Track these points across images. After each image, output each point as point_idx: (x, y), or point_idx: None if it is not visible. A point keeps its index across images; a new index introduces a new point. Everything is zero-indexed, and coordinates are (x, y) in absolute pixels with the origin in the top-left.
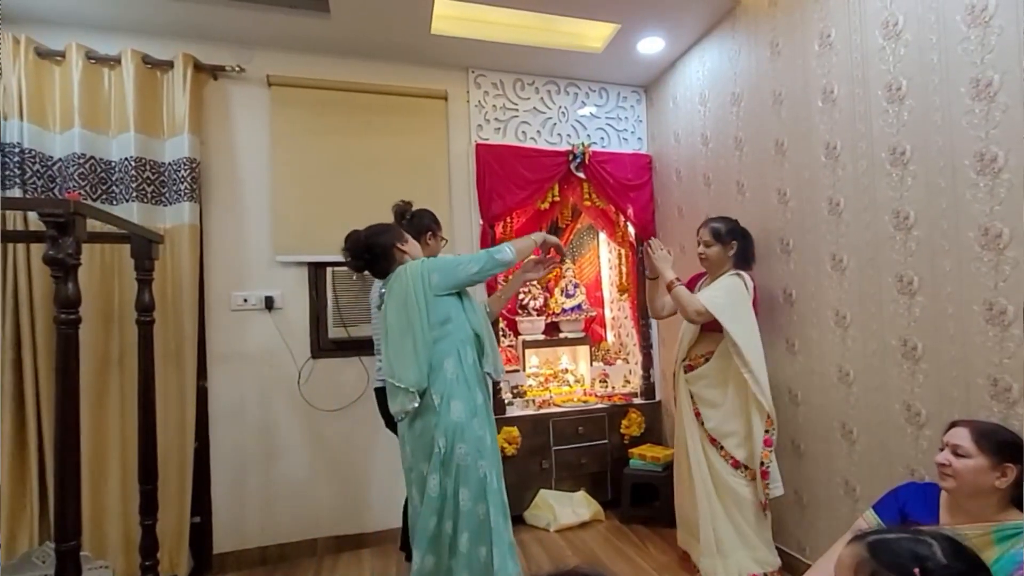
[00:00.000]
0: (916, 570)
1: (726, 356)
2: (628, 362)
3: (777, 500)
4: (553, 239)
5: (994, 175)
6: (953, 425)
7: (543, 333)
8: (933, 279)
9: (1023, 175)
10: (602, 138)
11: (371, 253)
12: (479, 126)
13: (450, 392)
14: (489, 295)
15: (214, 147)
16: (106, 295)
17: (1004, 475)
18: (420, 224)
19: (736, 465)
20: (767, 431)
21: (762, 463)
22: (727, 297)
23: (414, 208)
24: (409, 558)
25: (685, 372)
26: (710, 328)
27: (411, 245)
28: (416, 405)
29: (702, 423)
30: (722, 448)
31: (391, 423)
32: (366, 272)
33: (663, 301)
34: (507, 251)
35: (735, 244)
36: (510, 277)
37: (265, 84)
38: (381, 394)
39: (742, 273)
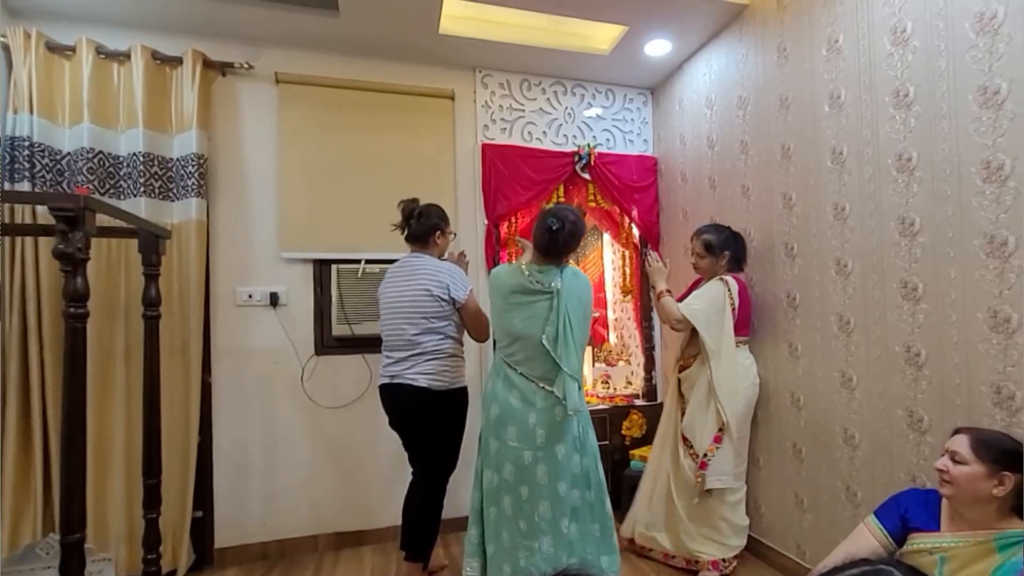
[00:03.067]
0: None
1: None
2: (630, 363)
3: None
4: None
5: (1000, 183)
6: (957, 432)
7: None
8: (937, 286)
9: None
10: (608, 140)
11: (574, 239)
12: (485, 126)
13: (581, 386)
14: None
15: (222, 143)
16: (112, 289)
17: (1002, 483)
18: (427, 224)
19: (695, 458)
20: (720, 430)
21: (705, 455)
22: (705, 303)
23: (420, 204)
24: (409, 558)
25: (679, 372)
26: None
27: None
28: None
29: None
30: (691, 447)
31: (395, 421)
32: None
33: None
34: None
35: (727, 255)
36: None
37: (273, 81)
38: (386, 391)
39: (727, 279)
